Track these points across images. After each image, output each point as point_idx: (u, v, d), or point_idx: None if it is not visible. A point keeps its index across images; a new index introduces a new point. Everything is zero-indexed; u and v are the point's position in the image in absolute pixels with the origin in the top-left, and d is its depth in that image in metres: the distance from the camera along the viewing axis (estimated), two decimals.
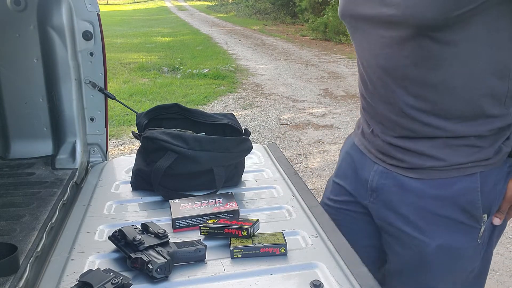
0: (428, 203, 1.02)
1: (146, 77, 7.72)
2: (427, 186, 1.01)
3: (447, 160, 0.98)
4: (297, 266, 0.96)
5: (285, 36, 13.61)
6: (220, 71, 8.04)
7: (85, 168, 1.63)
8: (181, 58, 9.67)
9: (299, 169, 3.93)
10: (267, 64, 9.20)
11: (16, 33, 1.58)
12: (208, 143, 1.29)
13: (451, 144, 0.98)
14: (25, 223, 1.21)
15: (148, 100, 6.04)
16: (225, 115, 1.49)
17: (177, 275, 0.93)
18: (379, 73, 1.00)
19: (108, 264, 0.97)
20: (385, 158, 1.08)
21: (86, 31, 1.59)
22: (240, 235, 1.01)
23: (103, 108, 1.68)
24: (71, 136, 1.63)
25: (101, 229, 1.14)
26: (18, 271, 0.98)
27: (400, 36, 0.91)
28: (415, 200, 1.03)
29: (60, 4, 1.54)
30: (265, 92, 6.76)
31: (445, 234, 1.02)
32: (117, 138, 4.76)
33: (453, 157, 0.98)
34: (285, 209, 1.23)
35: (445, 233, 1.02)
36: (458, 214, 1.00)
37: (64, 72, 1.58)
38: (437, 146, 0.99)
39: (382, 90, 1.01)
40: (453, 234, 1.02)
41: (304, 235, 1.08)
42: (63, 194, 1.39)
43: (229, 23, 18.38)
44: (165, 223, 1.14)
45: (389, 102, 1.01)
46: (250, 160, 1.55)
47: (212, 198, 1.22)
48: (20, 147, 1.69)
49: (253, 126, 5.13)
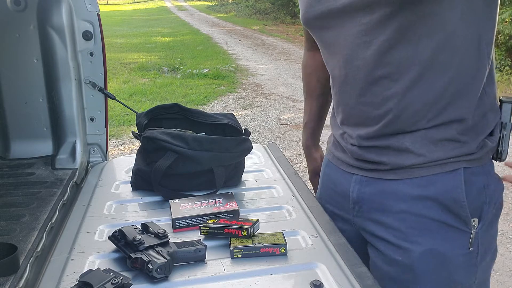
0: (411, 205, 0.97)
1: (146, 77, 7.72)
2: (408, 186, 0.97)
3: (427, 155, 0.94)
4: (297, 266, 0.96)
5: (285, 36, 13.60)
6: (220, 71, 8.05)
7: (85, 168, 1.63)
8: (181, 58, 9.67)
9: (299, 169, 3.93)
10: (267, 64, 9.20)
11: (16, 33, 1.58)
12: (208, 143, 1.29)
13: (431, 137, 0.94)
14: (25, 223, 1.21)
15: (148, 100, 6.04)
16: (225, 115, 1.49)
17: (177, 275, 0.93)
18: (360, 65, 0.95)
19: (108, 264, 0.97)
20: (361, 164, 1.03)
21: (86, 31, 1.59)
22: (240, 235, 1.01)
23: (103, 108, 1.68)
24: (71, 136, 1.63)
25: (101, 229, 1.14)
26: (18, 271, 0.98)
27: (380, 17, 0.88)
28: (397, 204, 0.98)
29: (60, 4, 1.54)
30: (265, 92, 6.75)
31: (431, 238, 0.96)
32: (117, 138, 4.76)
33: (434, 152, 0.94)
34: (285, 209, 1.23)
35: (431, 237, 0.96)
36: (443, 214, 0.95)
37: (64, 72, 1.58)
38: (417, 141, 0.95)
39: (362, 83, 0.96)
40: (439, 238, 0.96)
41: (304, 235, 1.08)
42: (63, 194, 1.39)
43: (229, 23, 18.38)
44: (165, 223, 1.14)
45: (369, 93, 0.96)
46: (250, 160, 1.55)
47: (212, 198, 1.22)
48: (20, 147, 1.69)
49: (253, 126, 5.12)
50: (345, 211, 1.11)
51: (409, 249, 0.98)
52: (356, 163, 1.05)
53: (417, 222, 0.97)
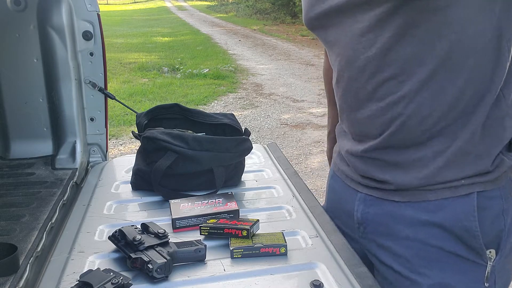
0: (418, 232, 0.88)
1: (146, 77, 7.72)
2: (416, 210, 0.88)
3: (437, 176, 0.85)
4: (297, 266, 0.96)
5: (285, 36, 13.60)
6: (220, 71, 8.04)
7: (85, 168, 1.63)
8: (181, 58, 9.67)
9: (299, 169, 3.93)
10: (267, 64, 9.20)
11: (16, 33, 1.58)
12: (208, 143, 1.29)
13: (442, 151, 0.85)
14: (25, 223, 1.21)
15: (148, 100, 6.04)
16: (225, 115, 1.49)
17: (177, 275, 0.93)
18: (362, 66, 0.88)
19: (108, 264, 0.97)
20: (366, 181, 0.95)
21: (86, 31, 1.59)
22: (240, 235, 1.01)
23: (103, 108, 1.68)
24: (71, 136, 1.63)
25: (101, 229, 1.14)
26: (18, 271, 0.98)
27: (382, 13, 0.81)
28: (403, 229, 0.90)
29: (60, 4, 1.54)
30: (265, 92, 6.75)
31: (440, 271, 0.87)
32: (117, 138, 4.76)
33: (445, 171, 0.84)
34: (285, 209, 1.23)
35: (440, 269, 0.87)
36: (453, 244, 0.85)
37: (64, 72, 1.58)
38: (426, 158, 0.85)
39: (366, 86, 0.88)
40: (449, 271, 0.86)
41: (304, 235, 1.08)
42: (63, 194, 1.39)
43: (229, 23, 18.38)
44: (165, 223, 1.14)
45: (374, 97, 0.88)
46: (250, 160, 1.55)
47: (212, 198, 1.22)
48: (20, 147, 1.68)
49: (253, 126, 5.12)
50: (350, 230, 1.05)
51: (417, 281, 0.89)
52: (360, 180, 0.98)
53: (424, 251, 0.88)
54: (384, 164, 0.91)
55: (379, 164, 0.92)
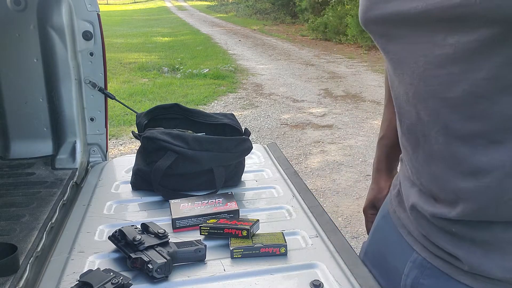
0: None
1: (146, 77, 7.72)
2: None
3: None
4: (297, 266, 0.96)
5: (285, 36, 13.60)
6: (220, 71, 8.05)
7: (85, 168, 1.63)
8: (181, 58, 9.67)
9: (299, 169, 3.93)
10: (267, 64, 9.20)
11: (16, 33, 1.58)
12: (208, 143, 1.29)
13: None
14: (25, 223, 1.21)
15: (148, 100, 6.04)
16: (225, 115, 1.49)
17: (177, 275, 0.93)
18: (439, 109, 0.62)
19: (108, 264, 0.97)
20: (428, 245, 0.73)
21: (86, 31, 1.59)
22: (240, 235, 1.01)
23: (103, 108, 1.68)
24: (71, 136, 1.63)
25: (101, 229, 1.14)
26: (18, 271, 0.98)
27: (474, 42, 0.54)
28: None
29: (60, 4, 1.54)
30: (265, 92, 6.75)
31: None
32: (117, 138, 4.76)
33: None
34: (285, 209, 1.23)
35: None
36: None
37: (64, 72, 1.58)
38: None
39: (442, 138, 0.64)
40: None
41: (304, 235, 1.08)
42: (63, 194, 1.39)
43: (229, 23, 18.39)
44: (165, 223, 1.14)
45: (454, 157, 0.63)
46: (250, 160, 1.55)
47: (212, 198, 1.22)
48: (20, 147, 1.68)
49: (253, 126, 5.12)
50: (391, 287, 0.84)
51: None
52: (421, 239, 0.75)
53: None
54: (457, 238, 0.68)
55: (449, 237, 0.69)
